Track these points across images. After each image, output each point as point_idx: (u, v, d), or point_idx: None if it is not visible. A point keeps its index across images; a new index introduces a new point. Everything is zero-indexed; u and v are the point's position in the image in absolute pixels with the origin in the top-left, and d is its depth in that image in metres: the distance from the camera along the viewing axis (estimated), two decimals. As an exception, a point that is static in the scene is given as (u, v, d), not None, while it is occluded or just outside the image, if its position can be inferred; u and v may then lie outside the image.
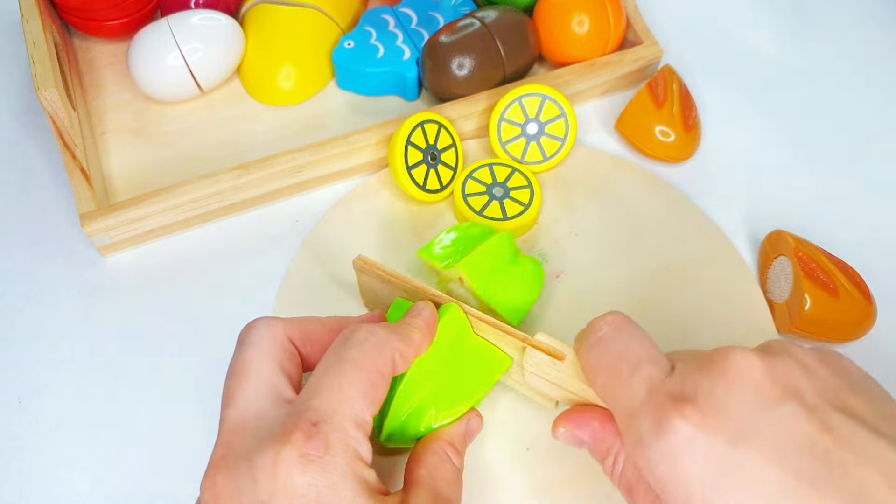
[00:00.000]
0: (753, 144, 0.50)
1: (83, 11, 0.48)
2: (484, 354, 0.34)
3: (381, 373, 0.29)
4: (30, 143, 0.48)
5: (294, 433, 0.26)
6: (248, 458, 0.26)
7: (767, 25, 0.56)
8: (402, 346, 0.30)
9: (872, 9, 0.57)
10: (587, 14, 0.47)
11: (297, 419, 0.27)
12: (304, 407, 0.27)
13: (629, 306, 0.42)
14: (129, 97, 0.49)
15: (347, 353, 0.29)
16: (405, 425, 0.32)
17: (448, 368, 0.33)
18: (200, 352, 0.41)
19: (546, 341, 0.33)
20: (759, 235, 0.45)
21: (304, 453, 0.26)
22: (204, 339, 0.41)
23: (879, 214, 0.47)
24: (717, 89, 0.52)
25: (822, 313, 0.40)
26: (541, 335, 0.33)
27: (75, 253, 0.44)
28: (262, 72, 0.49)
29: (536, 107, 0.45)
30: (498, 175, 0.45)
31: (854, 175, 0.49)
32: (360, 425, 0.28)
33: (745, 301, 0.43)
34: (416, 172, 0.44)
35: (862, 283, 0.41)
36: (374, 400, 0.29)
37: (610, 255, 0.44)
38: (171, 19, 0.46)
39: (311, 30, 0.50)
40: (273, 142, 0.48)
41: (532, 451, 0.38)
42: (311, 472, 0.26)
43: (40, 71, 0.41)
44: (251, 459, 0.26)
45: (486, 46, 0.46)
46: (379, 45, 0.49)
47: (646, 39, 0.49)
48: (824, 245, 0.43)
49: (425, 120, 0.44)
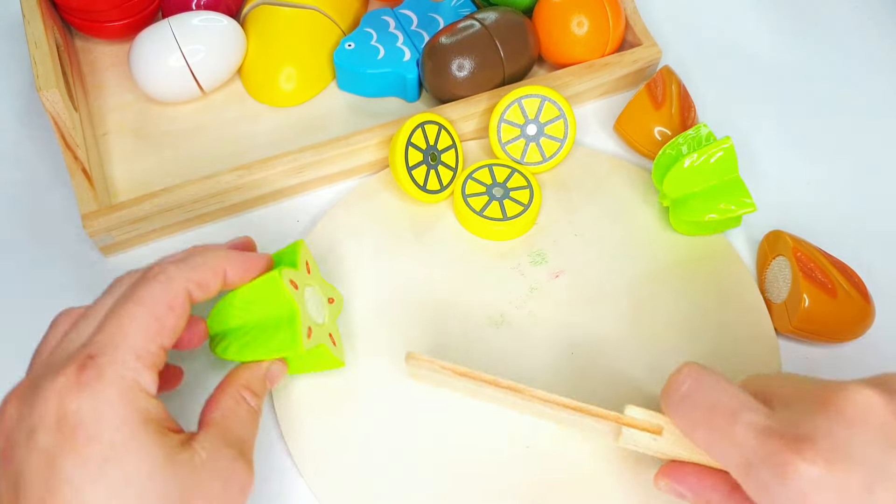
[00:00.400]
0: (752, 145, 0.50)
1: (85, 13, 0.48)
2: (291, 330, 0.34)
3: (169, 306, 0.30)
4: (31, 144, 0.48)
5: (70, 365, 0.28)
6: (34, 387, 0.28)
7: (766, 26, 0.56)
8: (196, 275, 0.31)
9: (872, 9, 0.57)
10: (586, 15, 0.48)
11: (78, 353, 0.28)
12: (87, 342, 0.29)
13: (627, 306, 0.42)
14: (130, 98, 0.49)
15: (134, 292, 0.30)
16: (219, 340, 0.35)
17: (256, 321, 0.34)
18: (200, 352, 0.41)
19: (639, 416, 0.33)
20: (758, 235, 0.45)
21: (76, 381, 0.27)
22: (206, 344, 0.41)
23: (878, 214, 0.47)
24: (716, 90, 0.52)
25: (821, 313, 0.40)
26: (631, 409, 0.33)
27: (77, 253, 0.44)
28: (263, 73, 0.49)
29: (536, 108, 0.45)
30: (498, 176, 0.45)
31: (853, 175, 0.49)
32: (140, 357, 0.29)
33: (743, 301, 0.43)
34: (416, 173, 0.44)
35: (860, 284, 0.41)
36: (160, 332, 0.30)
37: (609, 256, 0.44)
38: (173, 20, 0.46)
39: (312, 31, 0.50)
40: (274, 143, 0.48)
41: (531, 450, 0.38)
42: (80, 399, 0.27)
43: (42, 72, 0.41)
44: (36, 388, 0.28)
45: (485, 48, 0.46)
46: (379, 47, 0.49)
47: (645, 41, 0.50)
48: (823, 245, 0.43)
49: (426, 121, 0.44)
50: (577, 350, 0.41)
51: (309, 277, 0.37)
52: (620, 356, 0.41)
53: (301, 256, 0.36)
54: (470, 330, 0.41)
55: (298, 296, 0.35)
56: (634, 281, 0.43)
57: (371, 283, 0.43)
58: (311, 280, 0.37)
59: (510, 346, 0.41)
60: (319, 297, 0.37)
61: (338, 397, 0.39)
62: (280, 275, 0.33)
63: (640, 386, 0.40)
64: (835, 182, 0.49)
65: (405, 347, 0.41)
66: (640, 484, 0.37)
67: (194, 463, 0.28)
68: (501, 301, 0.42)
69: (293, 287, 0.34)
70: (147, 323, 0.29)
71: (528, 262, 0.44)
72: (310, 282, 0.37)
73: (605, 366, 0.40)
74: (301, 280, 0.35)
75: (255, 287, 0.34)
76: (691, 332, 0.42)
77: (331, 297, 0.39)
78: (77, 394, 0.27)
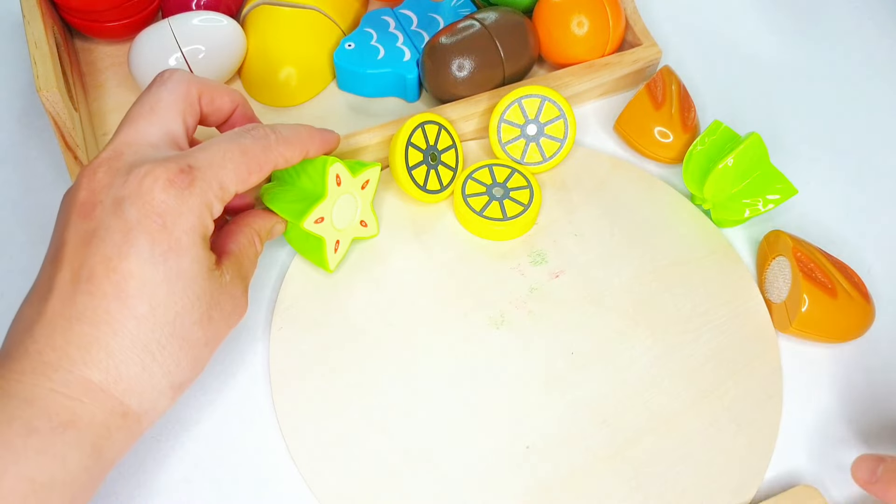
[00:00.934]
0: (752, 145, 0.50)
1: (85, 13, 0.48)
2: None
3: (259, 164, 0.35)
4: (31, 144, 0.48)
5: (171, 163, 0.32)
6: (129, 164, 0.32)
7: (766, 26, 0.56)
8: (287, 152, 0.36)
9: (872, 9, 0.57)
10: (586, 15, 0.48)
11: (180, 158, 0.32)
12: (189, 153, 0.33)
13: (627, 306, 0.42)
14: (130, 98, 0.49)
15: (243, 140, 0.34)
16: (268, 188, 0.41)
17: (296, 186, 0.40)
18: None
19: None
20: (758, 235, 0.45)
21: (171, 179, 0.31)
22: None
23: (878, 215, 0.47)
24: (716, 90, 0.52)
25: (821, 313, 0.40)
26: None
27: (77, 253, 0.44)
28: (263, 73, 0.49)
29: (536, 108, 0.45)
30: (498, 176, 0.45)
31: (853, 175, 0.49)
32: (222, 188, 0.33)
33: (743, 301, 0.43)
34: (416, 173, 0.44)
35: (860, 284, 0.41)
36: (245, 180, 0.34)
37: (609, 256, 0.44)
38: (173, 20, 0.46)
39: (312, 31, 0.50)
40: (274, 142, 0.48)
41: (532, 450, 0.38)
42: (169, 194, 0.31)
43: (42, 72, 0.41)
44: (131, 166, 0.32)
45: (485, 48, 0.46)
46: (379, 47, 0.49)
47: (645, 41, 0.50)
48: (823, 245, 0.43)
49: (426, 121, 0.44)
50: (577, 350, 0.41)
51: (356, 190, 0.41)
52: (620, 356, 0.41)
53: (364, 174, 0.41)
54: (470, 330, 0.41)
55: (335, 190, 0.39)
56: (634, 281, 0.43)
57: (371, 283, 0.43)
58: (357, 193, 0.41)
59: (510, 346, 0.41)
60: (352, 209, 0.41)
61: (338, 397, 0.39)
62: (329, 163, 0.39)
63: (641, 386, 0.40)
64: (835, 182, 0.49)
65: (405, 347, 0.41)
66: (640, 484, 0.37)
67: (222, 281, 0.34)
68: (501, 301, 0.42)
69: (336, 181, 0.39)
70: (239, 168, 0.34)
71: (528, 262, 0.44)
72: (353, 191, 0.41)
73: (605, 366, 0.40)
74: (347, 182, 0.40)
75: (311, 162, 0.39)
76: (691, 332, 0.42)
77: (364, 221, 0.43)
78: (169, 189, 0.31)
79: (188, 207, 0.32)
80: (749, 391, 0.40)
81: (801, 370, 0.41)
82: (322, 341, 0.41)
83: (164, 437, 0.38)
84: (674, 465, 0.38)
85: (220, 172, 0.33)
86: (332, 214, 0.40)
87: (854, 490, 0.38)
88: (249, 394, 0.40)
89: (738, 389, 0.40)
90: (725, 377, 0.40)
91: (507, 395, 0.39)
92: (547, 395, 0.39)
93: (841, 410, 0.40)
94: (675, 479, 0.37)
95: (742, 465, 0.38)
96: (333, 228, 0.40)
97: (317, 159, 0.39)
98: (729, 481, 0.37)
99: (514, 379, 0.40)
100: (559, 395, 0.39)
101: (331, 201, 0.39)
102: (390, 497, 0.37)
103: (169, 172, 0.31)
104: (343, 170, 0.39)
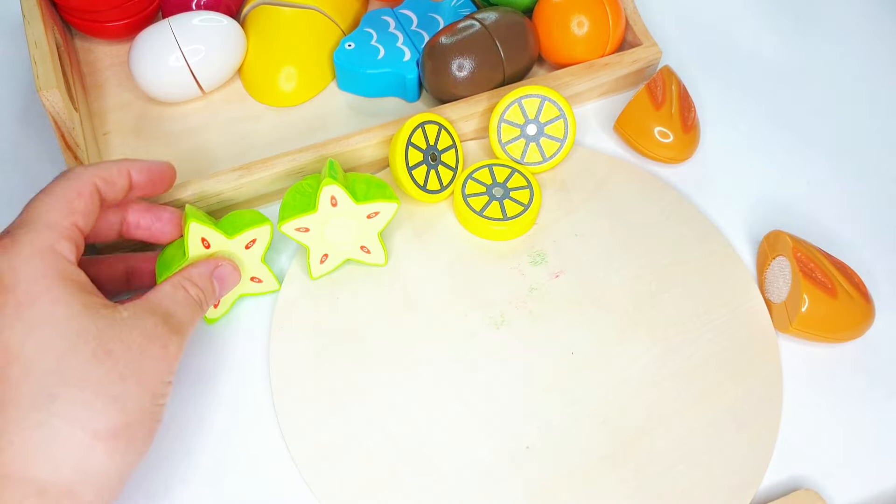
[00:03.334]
0: (752, 145, 0.50)
1: (85, 13, 0.48)
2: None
3: (77, 192, 0.33)
4: (32, 144, 0.48)
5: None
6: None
7: (766, 26, 0.56)
8: (101, 172, 0.35)
9: (872, 9, 0.57)
10: (586, 15, 0.48)
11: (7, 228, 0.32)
12: (6, 228, 0.32)
13: (627, 307, 0.42)
14: (130, 98, 0.49)
15: (45, 189, 0.33)
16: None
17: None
18: (200, 352, 0.41)
19: None
20: (758, 235, 0.45)
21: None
22: (203, 338, 0.41)
23: (878, 215, 0.47)
24: (716, 90, 0.52)
25: (821, 313, 0.40)
26: None
27: (77, 253, 0.44)
28: (263, 73, 0.49)
29: (536, 108, 0.45)
30: (498, 176, 0.45)
31: (853, 175, 0.49)
32: (53, 227, 0.32)
33: (743, 301, 0.43)
34: (416, 173, 0.44)
35: (860, 284, 0.41)
36: (72, 211, 0.33)
37: (609, 256, 0.44)
38: (173, 20, 0.46)
39: (312, 31, 0.50)
40: (274, 143, 0.48)
41: (532, 450, 0.38)
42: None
43: (42, 72, 0.41)
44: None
45: (485, 48, 0.46)
46: (379, 47, 0.49)
47: (645, 41, 0.50)
48: (823, 245, 0.43)
49: (426, 121, 0.44)
50: (577, 350, 0.41)
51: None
52: (620, 356, 0.41)
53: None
54: (470, 330, 0.41)
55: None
56: (634, 281, 0.43)
57: (371, 283, 0.43)
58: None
59: (510, 346, 0.41)
60: (348, 231, 0.41)
61: (338, 397, 0.39)
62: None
63: (641, 386, 0.40)
64: (835, 182, 0.49)
65: (405, 348, 0.41)
66: (640, 484, 0.37)
67: (115, 317, 0.31)
68: (501, 301, 0.42)
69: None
70: (58, 205, 0.33)
71: (528, 262, 0.44)
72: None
73: (605, 366, 0.40)
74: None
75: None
76: (691, 332, 0.42)
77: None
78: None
79: (21, 260, 0.30)
80: (749, 391, 0.40)
81: (801, 370, 0.41)
82: (322, 342, 0.41)
83: (163, 437, 0.38)
84: (674, 465, 0.38)
85: (41, 218, 0.32)
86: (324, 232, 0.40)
87: (854, 490, 0.38)
88: (249, 394, 0.40)
89: (738, 389, 0.40)
90: (725, 377, 0.40)
91: (508, 395, 0.39)
92: (547, 394, 0.39)
93: (841, 410, 0.40)
94: (675, 478, 0.37)
95: (742, 465, 0.38)
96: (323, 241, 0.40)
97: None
98: (729, 481, 0.37)
99: (515, 379, 0.40)
100: (559, 395, 0.39)
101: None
102: (390, 497, 0.37)
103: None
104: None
